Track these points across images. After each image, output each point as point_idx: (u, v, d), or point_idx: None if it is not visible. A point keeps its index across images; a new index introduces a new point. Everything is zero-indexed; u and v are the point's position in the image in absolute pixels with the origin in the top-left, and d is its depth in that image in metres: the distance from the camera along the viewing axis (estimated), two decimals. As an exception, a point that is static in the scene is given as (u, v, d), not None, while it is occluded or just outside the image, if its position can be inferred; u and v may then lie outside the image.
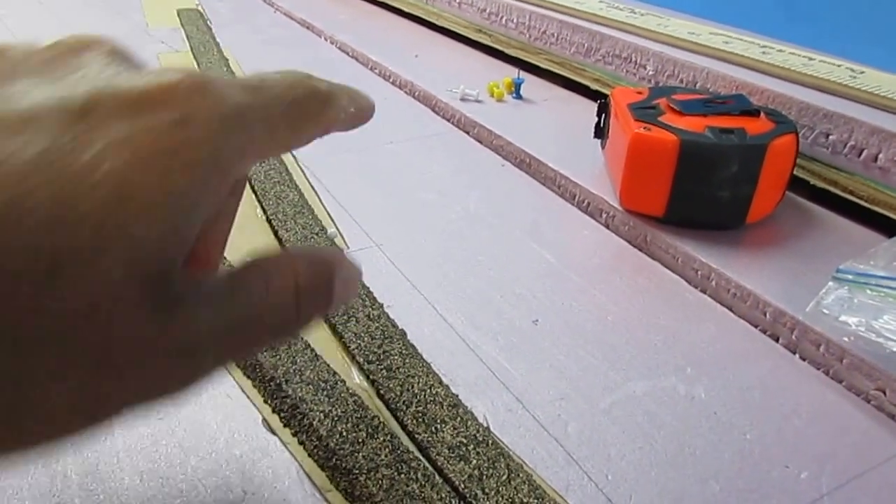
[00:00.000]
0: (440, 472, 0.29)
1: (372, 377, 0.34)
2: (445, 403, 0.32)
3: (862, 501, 0.29)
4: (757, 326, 0.39)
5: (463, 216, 0.49)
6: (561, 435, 0.31)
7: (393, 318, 0.38)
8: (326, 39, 0.89)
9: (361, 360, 0.35)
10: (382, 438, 0.30)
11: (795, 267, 0.42)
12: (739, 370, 0.36)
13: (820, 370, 0.36)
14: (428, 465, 0.29)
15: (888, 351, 0.34)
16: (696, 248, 0.43)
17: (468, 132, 0.63)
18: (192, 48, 0.82)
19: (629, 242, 0.47)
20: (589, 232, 0.48)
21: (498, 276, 0.42)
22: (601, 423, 0.32)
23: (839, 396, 0.35)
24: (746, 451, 0.31)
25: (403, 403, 0.32)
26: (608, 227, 0.48)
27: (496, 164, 0.58)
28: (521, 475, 0.29)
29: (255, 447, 0.30)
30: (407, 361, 0.35)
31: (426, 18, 0.92)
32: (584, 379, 0.35)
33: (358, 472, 0.28)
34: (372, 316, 0.38)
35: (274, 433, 0.31)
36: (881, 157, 0.45)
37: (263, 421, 0.31)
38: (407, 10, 0.96)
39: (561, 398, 0.34)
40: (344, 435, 0.30)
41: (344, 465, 0.29)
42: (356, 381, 0.34)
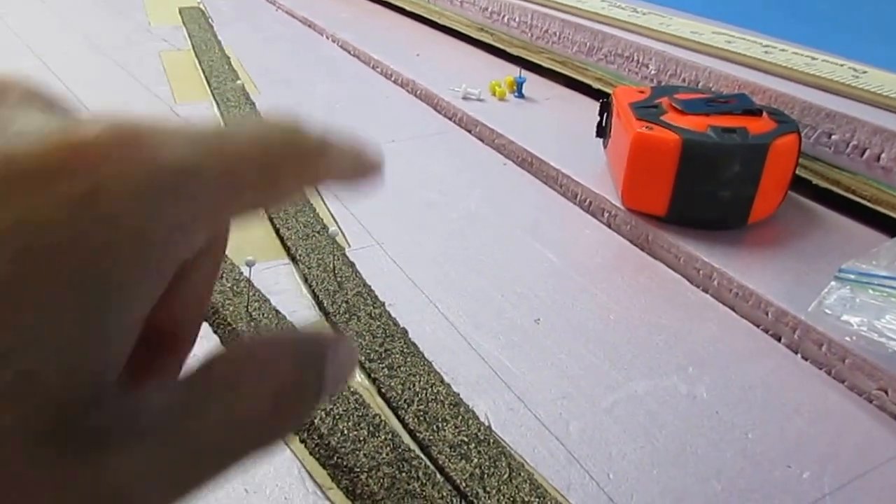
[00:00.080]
0: (441, 470, 0.29)
1: (373, 375, 0.34)
2: (447, 402, 0.32)
3: (864, 501, 0.29)
4: (759, 326, 0.39)
5: (464, 215, 0.49)
6: (562, 434, 0.31)
7: (394, 316, 0.38)
8: (328, 38, 0.89)
9: (363, 358, 0.35)
10: (384, 437, 0.30)
11: (797, 267, 0.42)
12: (741, 370, 0.36)
13: (822, 370, 0.36)
14: (429, 463, 0.29)
15: (890, 351, 0.34)
16: (698, 247, 0.43)
17: (470, 131, 0.63)
18: (193, 46, 0.82)
19: (631, 242, 0.47)
20: (591, 231, 0.48)
21: (499, 275, 0.42)
22: (603, 422, 0.32)
23: (841, 396, 0.35)
24: (748, 450, 0.31)
25: (405, 402, 0.32)
26: (610, 226, 0.48)
27: (498, 162, 0.58)
28: (522, 474, 0.29)
29: (256, 445, 0.30)
30: (408, 360, 0.35)
31: (428, 17, 0.92)
32: (585, 378, 0.35)
33: (359, 470, 0.28)
34: (373, 314, 0.38)
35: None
36: (884, 156, 0.45)
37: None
38: (409, 8, 0.96)
39: (562, 397, 0.33)
40: (345, 433, 0.30)
41: (345, 463, 0.29)
42: (357, 379, 0.34)
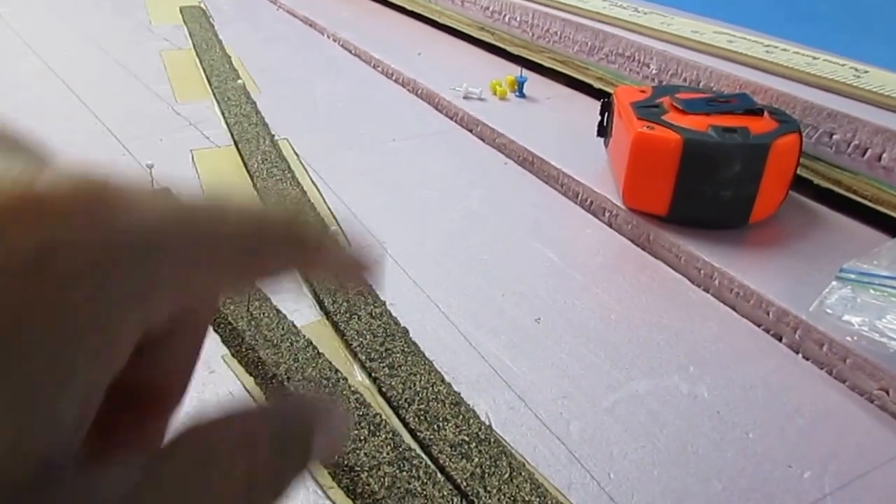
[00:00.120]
0: (442, 469, 0.29)
1: (374, 375, 0.34)
2: (447, 401, 0.32)
3: (865, 501, 0.29)
4: (760, 326, 0.39)
5: (465, 214, 0.49)
6: (563, 433, 0.31)
7: (395, 315, 0.38)
8: (329, 37, 0.89)
9: (363, 357, 0.35)
10: (384, 436, 0.30)
11: (799, 266, 0.42)
12: (742, 369, 0.36)
13: (823, 370, 0.36)
14: (430, 462, 0.29)
15: (891, 350, 0.34)
16: (699, 247, 0.43)
17: (471, 130, 0.63)
18: (194, 45, 0.82)
19: (632, 241, 0.47)
20: (592, 230, 0.48)
21: (500, 274, 0.42)
22: (604, 421, 0.32)
23: (842, 396, 0.35)
24: (749, 450, 0.31)
25: (405, 401, 0.32)
26: (611, 225, 0.48)
27: (499, 162, 0.57)
28: (523, 473, 0.29)
29: (256, 444, 0.30)
30: (409, 359, 0.35)
31: (429, 16, 0.92)
32: (586, 378, 0.35)
33: (360, 469, 0.28)
34: (374, 314, 0.37)
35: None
36: (885, 156, 0.45)
37: (265, 418, 0.31)
38: (410, 7, 0.96)
39: (563, 397, 0.33)
40: (346, 432, 0.30)
41: (346, 462, 0.29)
42: (358, 378, 0.34)
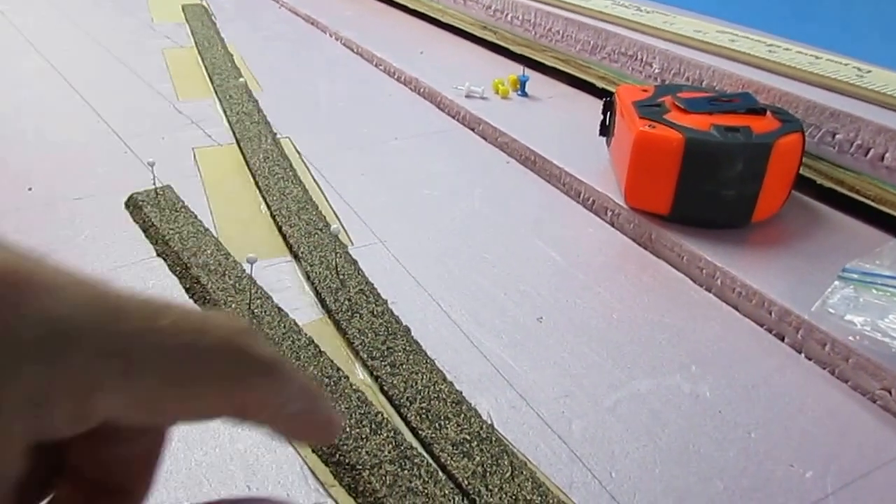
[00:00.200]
0: (443, 468, 0.29)
1: (376, 373, 0.34)
2: (449, 400, 0.32)
3: (867, 501, 0.29)
4: (762, 325, 0.39)
5: (467, 213, 0.49)
6: (565, 432, 0.31)
7: (397, 314, 0.38)
8: (331, 36, 0.89)
9: (365, 356, 0.35)
10: (386, 434, 0.30)
11: (801, 266, 0.42)
12: (744, 369, 0.36)
13: (825, 369, 0.36)
14: (431, 461, 0.29)
15: (894, 350, 0.34)
16: (701, 246, 0.43)
17: (473, 129, 0.63)
18: (196, 44, 0.82)
19: (634, 240, 0.47)
20: (594, 230, 0.48)
21: (502, 273, 0.42)
22: (605, 420, 0.32)
23: (845, 396, 0.34)
24: (751, 449, 0.31)
25: (407, 400, 0.32)
26: (613, 225, 0.48)
27: (501, 161, 0.57)
28: (524, 472, 0.29)
29: (258, 442, 0.30)
30: (411, 358, 0.34)
31: (432, 15, 0.92)
32: (588, 377, 0.35)
33: (361, 467, 0.28)
34: (376, 312, 0.37)
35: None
36: (888, 156, 0.45)
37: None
38: (412, 6, 0.96)
39: (565, 396, 0.33)
40: (347, 431, 0.30)
41: (348, 460, 0.29)
42: (360, 377, 0.34)
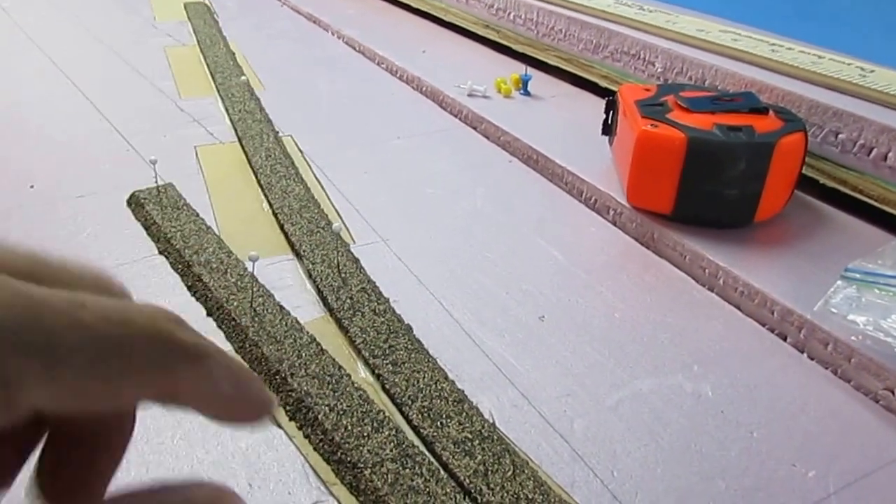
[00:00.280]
0: (445, 466, 0.29)
1: (377, 372, 0.34)
2: (451, 399, 0.32)
3: (870, 501, 0.29)
4: (764, 325, 0.39)
5: (470, 212, 0.49)
6: (567, 431, 0.31)
7: (399, 313, 0.38)
8: (333, 34, 0.89)
9: (367, 354, 0.35)
10: (388, 433, 0.30)
11: (803, 266, 0.42)
12: (746, 368, 0.36)
13: (828, 369, 0.36)
14: (433, 459, 0.29)
15: (897, 350, 0.34)
16: (703, 245, 0.43)
17: (475, 128, 0.62)
18: (198, 42, 0.82)
19: (636, 240, 0.46)
20: (596, 229, 0.48)
21: (504, 272, 0.42)
22: (607, 420, 0.32)
23: (847, 396, 0.34)
24: (753, 449, 0.31)
25: (409, 398, 0.32)
26: (615, 224, 0.48)
27: (503, 160, 0.57)
28: (526, 471, 0.29)
29: (260, 440, 0.30)
30: (413, 356, 0.34)
31: (434, 14, 0.92)
32: (590, 376, 0.35)
33: (363, 465, 0.28)
34: (378, 311, 0.37)
35: (279, 426, 0.31)
36: (890, 155, 0.45)
37: (269, 414, 0.31)
38: (415, 5, 0.96)
39: (567, 395, 0.33)
40: (349, 429, 0.30)
41: (349, 458, 0.29)
42: (362, 375, 0.34)
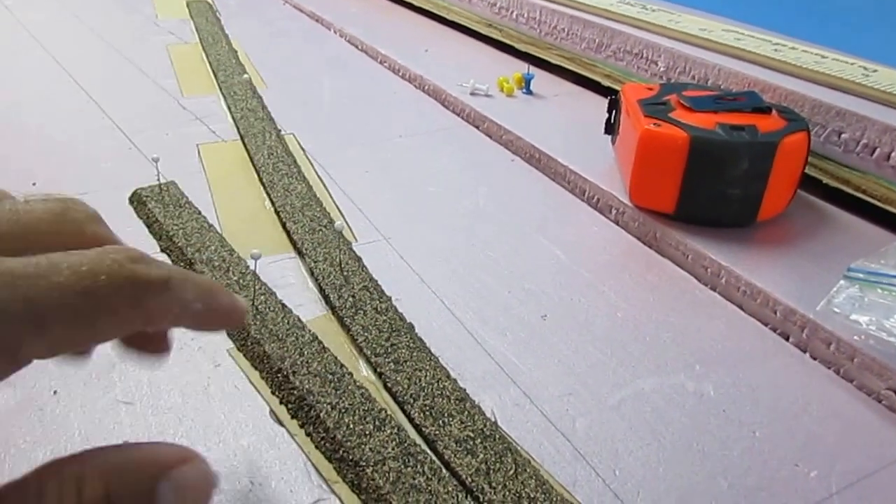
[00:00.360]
0: (447, 465, 0.29)
1: (379, 370, 0.34)
2: (453, 397, 0.32)
3: (872, 501, 0.29)
4: (767, 324, 0.39)
5: (472, 211, 0.49)
6: (569, 430, 0.31)
7: (401, 311, 0.38)
8: (336, 32, 0.89)
9: (369, 352, 0.35)
10: (389, 431, 0.30)
11: (806, 265, 0.42)
12: (749, 368, 0.36)
13: (830, 369, 0.36)
14: (435, 458, 0.29)
15: (900, 350, 0.33)
16: (706, 245, 0.43)
17: (478, 127, 0.62)
18: (200, 40, 0.82)
19: (639, 239, 0.46)
20: (598, 228, 0.48)
21: (507, 271, 0.42)
22: (609, 419, 0.32)
23: (850, 395, 0.34)
24: (755, 448, 0.31)
25: (411, 396, 0.32)
26: (618, 223, 0.48)
27: (506, 158, 0.57)
28: (528, 470, 0.29)
29: (262, 438, 0.30)
30: (415, 355, 0.34)
31: (437, 13, 0.92)
32: (592, 375, 0.35)
33: (365, 464, 0.28)
34: (380, 309, 0.37)
35: (281, 424, 0.31)
36: (893, 155, 0.45)
37: (271, 412, 0.31)
38: (417, 4, 0.96)
39: (569, 394, 0.33)
40: (351, 427, 0.30)
41: (351, 457, 0.29)
42: (363, 373, 0.34)
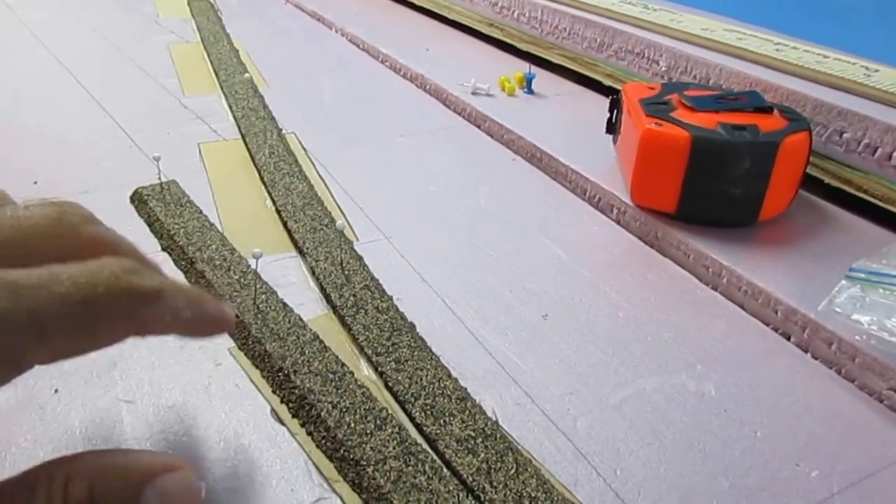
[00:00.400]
0: (448, 464, 0.29)
1: (380, 369, 0.34)
2: (454, 396, 0.32)
3: (873, 501, 0.29)
4: (768, 324, 0.39)
5: (473, 210, 0.49)
6: (570, 430, 0.31)
7: (402, 310, 0.38)
8: (337, 32, 0.89)
9: (370, 352, 0.34)
10: (390, 430, 0.30)
11: (808, 265, 0.42)
12: (750, 368, 0.36)
13: (832, 369, 0.36)
14: (436, 457, 0.29)
15: (901, 350, 0.33)
16: (707, 244, 0.43)
17: (479, 126, 0.62)
18: (202, 39, 0.82)
19: (640, 239, 0.46)
20: (600, 228, 0.48)
21: (508, 270, 0.42)
22: (610, 418, 0.32)
23: (851, 395, 0.34)
24: (757, 448, 0.31)
25: (412, 396, 0.32)
26: (619, 222, 0.48)
27: (507, 158, 0.57)
28: (529, 469, 0.29)
29: (263, 437, 0.30)
30: (416, 354, 0.34)
31: (438, 12, 0.92)
32: (593, 374, 0.35)
33: (366, 463, 0.28)
34: (381, 308, 0.37)
35: (282, 423, 0.31)
36: (895, 155, 0.45)
37: (272, 411, 0.31)
38: (419, 3, 0.96)
39: (570, 393, 0.33)
40: (352, 426, 0.30)
41: (352, 456, 0.29)
42: (364, 372, 0.34)
